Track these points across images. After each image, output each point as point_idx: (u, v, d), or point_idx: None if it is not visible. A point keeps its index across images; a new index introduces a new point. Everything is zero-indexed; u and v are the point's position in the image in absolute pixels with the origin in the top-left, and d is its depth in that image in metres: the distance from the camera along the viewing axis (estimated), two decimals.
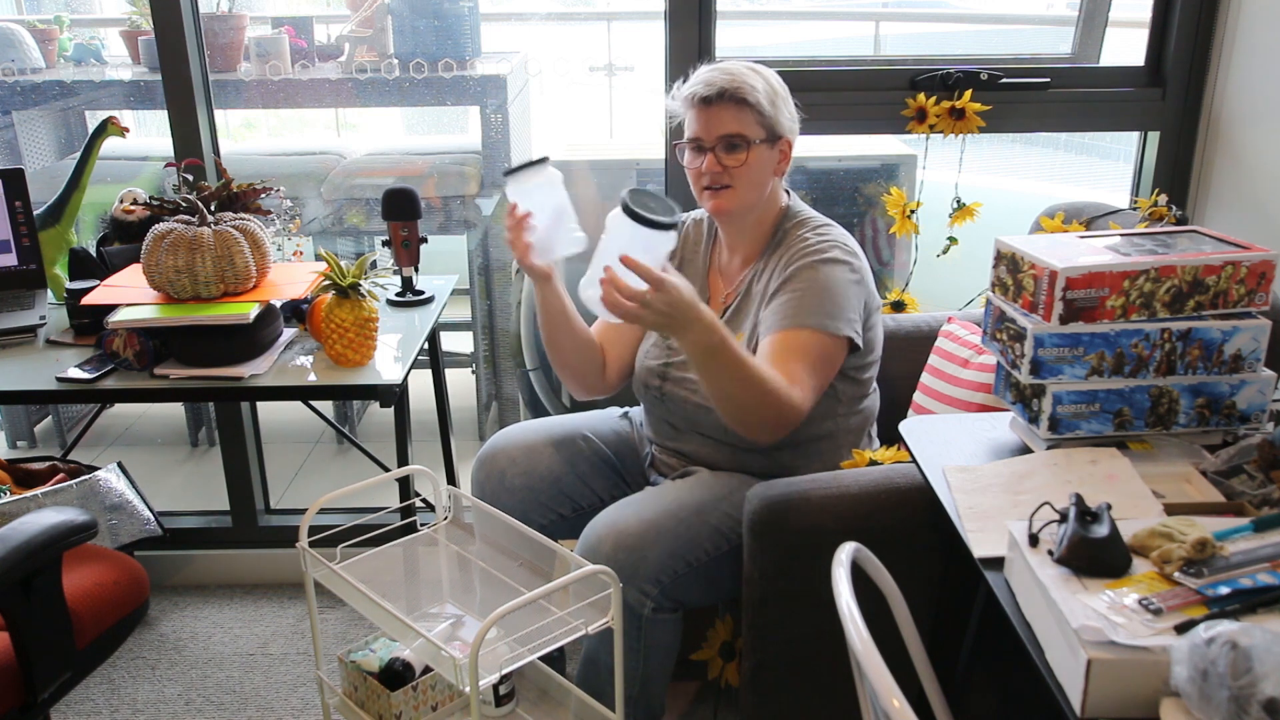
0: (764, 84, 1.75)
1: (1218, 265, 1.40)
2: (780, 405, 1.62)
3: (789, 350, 1.68)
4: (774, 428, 1.66)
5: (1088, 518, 1.15)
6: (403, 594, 1.80)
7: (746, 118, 1.72)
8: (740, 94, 1.71)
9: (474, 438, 3.28)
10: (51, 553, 1.52)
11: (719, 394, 1.63)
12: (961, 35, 4.28)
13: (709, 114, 1.72)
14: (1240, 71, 2.22)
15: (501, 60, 2.99)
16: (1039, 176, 4.00)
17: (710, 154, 1.73)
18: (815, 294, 1.71)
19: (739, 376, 1.59)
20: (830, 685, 1.65)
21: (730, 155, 1.73)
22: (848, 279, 1.74)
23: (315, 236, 3.05)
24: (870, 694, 1.07)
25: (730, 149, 1.73)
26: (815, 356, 1.69)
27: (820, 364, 1.70)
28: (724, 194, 1.76)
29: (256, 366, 1.91)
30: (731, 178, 1.74)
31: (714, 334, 1.55)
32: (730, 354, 1.57)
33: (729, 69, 1.75)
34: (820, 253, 1.74)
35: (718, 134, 1.73)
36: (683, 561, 1.69)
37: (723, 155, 1.73)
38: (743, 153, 1.73)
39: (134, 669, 2.31)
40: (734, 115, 1.72)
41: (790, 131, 1.78)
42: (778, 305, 1.73)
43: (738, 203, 1.77)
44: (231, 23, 2.86)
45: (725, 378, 1.59)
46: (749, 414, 1.64)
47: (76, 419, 3.28)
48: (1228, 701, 0.90)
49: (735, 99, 1.71)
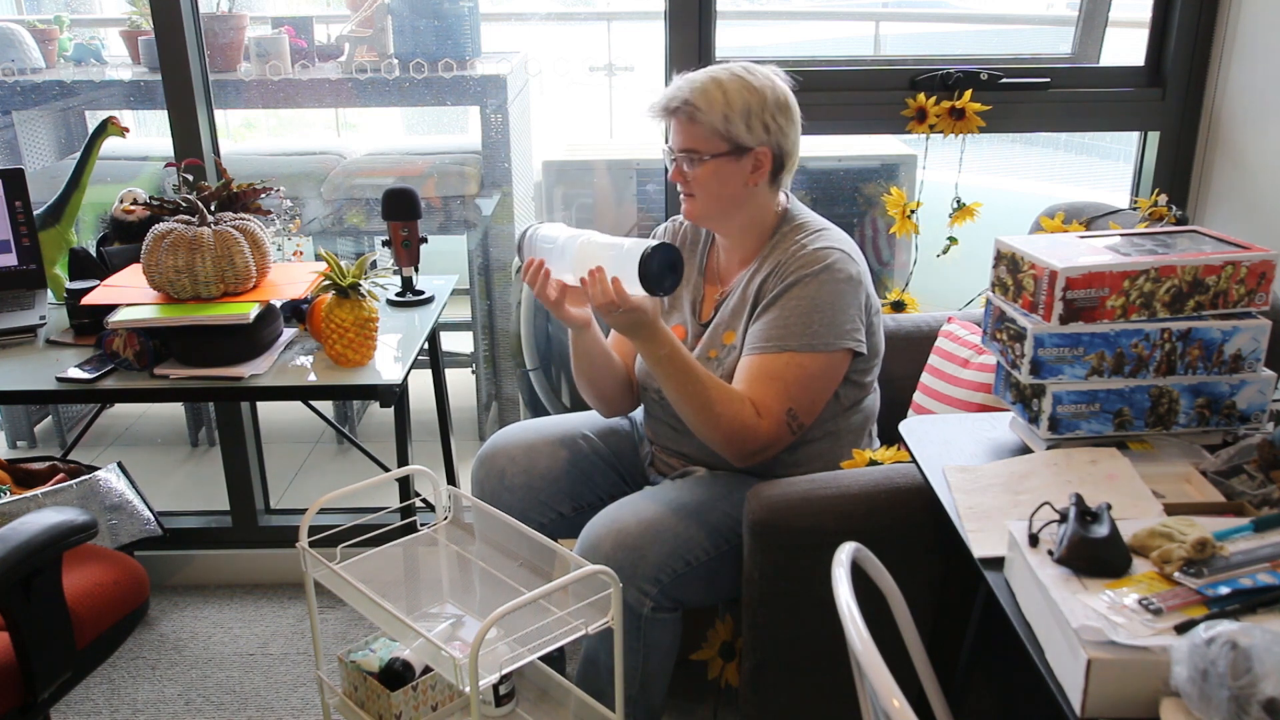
0: (725, 97, 1.70)
1: (1218, 265, 1.40)
2: (735, 431, 1.67)
3: (764, 376, 1.70)
4: (735, 453, 1.70)
5: (1088, 518, 1.15)
6: (403, 594, 1.80)
7: (699, 132, 1.73)
8: (689, 110, 1.72)
9: (474, 438, 3.28)
10: (51, 553, 1.52)
11: (675, 405, 1.71)
12: (961, 35, 4.28)
13: (672, 125, 1.77)
14: (1240, 71, 2.22)
15: (501, 60, 2.99)
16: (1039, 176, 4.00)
17: (676, 163, 1.77)
18: (803, 313, 1.70)
19: (688, 391, 1.67)
20: (830, 685, 1.65)
21: (691, 167, 1.76)
22: (843, 289, 1.72)
23: (315, 236, 3.05)
24: (870, 694, 1.07)
25: (689, 161, 1.75)
26: (795, 379, 1.69)
27: (806, 384, 1.70)
28: (689, 201, 1.80)
29: (256, 366, 1.91)
30: (692, 188, 1.78)
31: (665, 345, 1.65)
32: (680, 367, 1.66)
33: (692, 82, 1.73)
34: (814, 263, 1.72)
35: (678, 146, 1.76)
36: (682, 561, 1.69)
37: (684, 166, 1.76)
38: (698, 165, 1.74)
39: (134, 669, 2.31)
40: (687, 129, 1.74)
41: (766, 142, 1.73)
42: (764, 324, 1.73)
43: (700, 211, 1.80)
44: (231, 23, 2.86)
45: (675, 390, 1.68)
46: (704, 430, 1.70)
47: (76, 419, 3.28)
48: (1228, 701, 0.89)
49: (686, 115, 1.73)
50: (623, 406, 1.96)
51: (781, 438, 1.71)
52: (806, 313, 1.70)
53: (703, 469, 1.86)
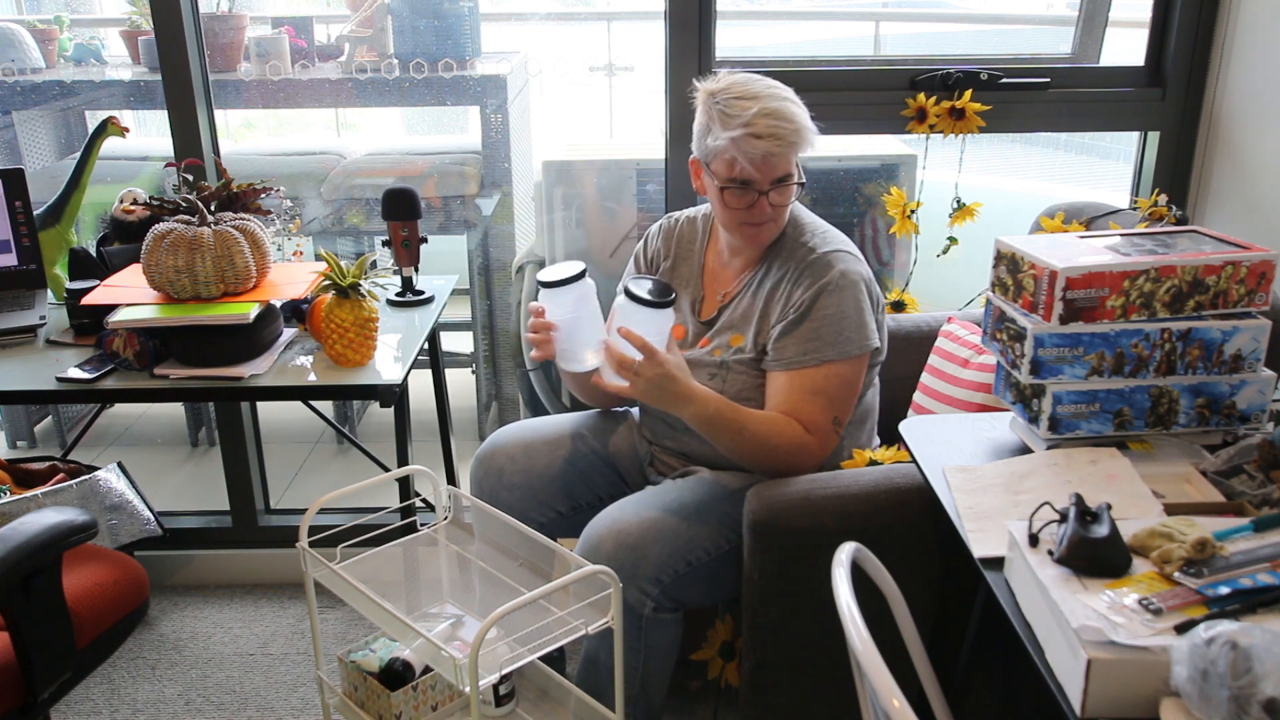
0: (807, 120, 1.74)
1: (1218, 265, 1.40)
2: (793, 455, 1.71)
3: (805, 392, 1.72)
4: (792, 471, 1.73)
5: (1088, 518, 1.15)
6: (403, 594, 1.80)
7: (792, 157, 1.74)
8: (799, 137, 1.71)
9: (474, 438, 3.27)
10: (51, 553, 1.52)
11: (729, 453, 1.75)
12: (961, 35, 4.28)
13: (768, 159, 1.70)
14: (1240, 71, 2.22)
15: (501, 60, 2.99)
16: (1039, 176, 4.00)
17: (763, 197, 1.73)
18: (834, 323, 1.73)
19: (742, 439, 1.71)
20: (830, 685, 1.65)
21: (779, 194, 1.74)
22: (860, 293, 1.76)
23: (315, 236, 3.05)
24: (870, 694, 1.07)
25: (779, 186, 1.74)
26: (836, 388, 1.73)
27: (845, 392, 1.75)
28: (766, 228, 1.78)
29: (256, 366, 1.91)
30: (776, 214, 1.77)
31: (708, 405, 1.68)
32: (727, 421, 1.69)
33: (790, 116, 1.70)
34: (830, 269, 1.75)
35: (776, 174, 1.73)
36: (683, 561, 1.69)
37: (772, 195, 1.74)
38: (790, 188, 1.75)
39: (134, 669, 2.31)
40: (785, 156, 1.72)
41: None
42: (796, 339, 1.74)
43: (776, 233, 1.81)
44: (231, 23, 2.86)
45: (729, 442, 1.71)
46: (762, 465, 1.75)
47: (76, 419, 3.28)
48: (1228, 701, 0.90)
49: (791, 143, 1.71)
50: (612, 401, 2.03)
51: (831, 444, 1.75)
52: (836, 322, 1.73)
53: (704, 469, 1.86)
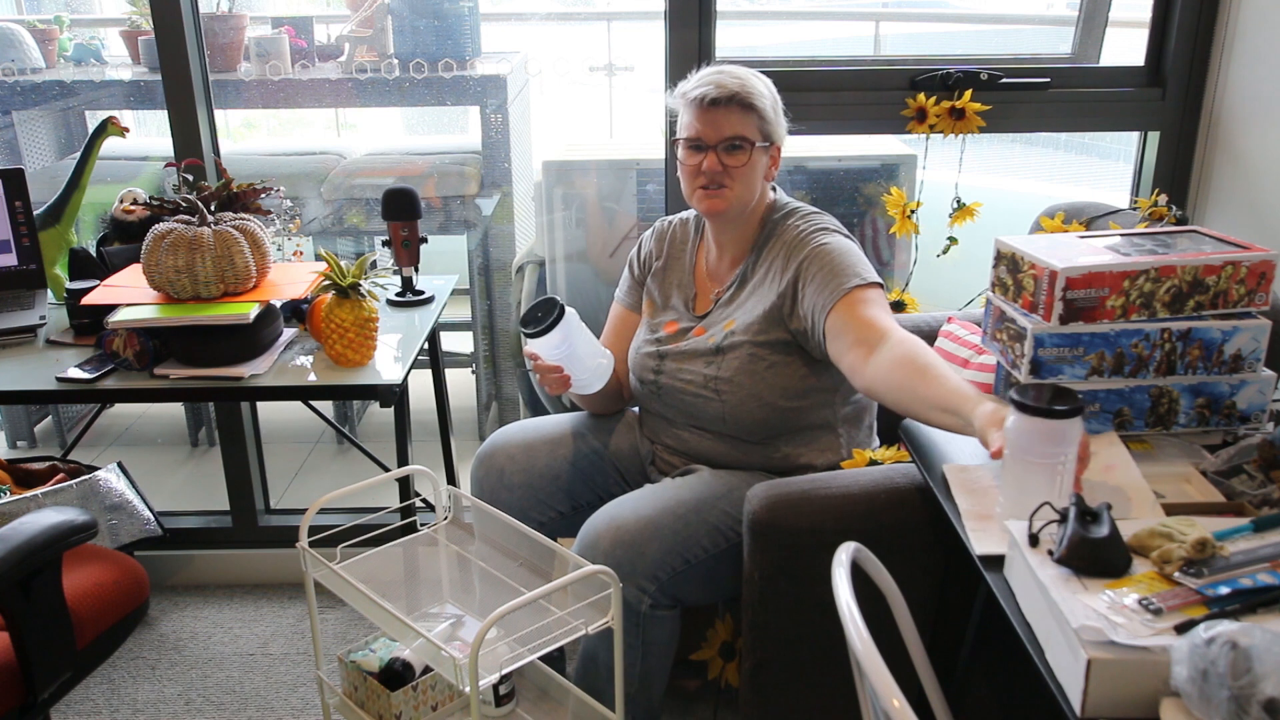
0: (768, 91, 1.81)
1: (1218, 265, 1.39)
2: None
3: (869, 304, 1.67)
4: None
5: (1088, 518, 1.15)
6: (403, 594, 1.80)
7: (750, 121, 1.77)
8: (749, 99, 1.76)
9: (474, 438, 3.27)
10: (51, 553, 1.52)
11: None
12: (961, 35, 4.28)
13: (715, 115, 1.76)
14: (1240, 71, 2.22)
15: (501, 60, 2.99)
16: (1039, 176, 3.99)
17: (712, 153, 1.76)
18: (842, 257, 1.74)
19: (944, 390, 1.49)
20: (830, 685, 1.65)
21: (731, 156, 1.77)
22: (851, 242, 1.80)
23: (315, 236, 3.05)
24: (870, 694, 1.07)
25: (732, 150, 1.77)
26: (879, 302, 1.71)
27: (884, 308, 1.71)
28: (720, 194, 1.78)
29: (256, 366, 1.91)
30: (731, 177, 1.77)
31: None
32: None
33: (738, 74, 1.79)
34: (822, 230, 1.81)
35: (722, 135, 1.76)
36: (681, 558, 1.69)
37: (724, 155, 1.77)
38: (744, 154, 1.77)
39: (134, 669, 2.31)
40: (740, 118, 1.76)
41: (782, 138, 1.85)
42: (821, 283, 1.72)
43: (733, 202, 1.80)
44: (231, 23, 2.86)
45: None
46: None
47: (76, 419, 3.28)
48: (1228, 701, 0.89)
49: (743, 103, 1.76)
50: (610, 407, 2.03)
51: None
52: (842, 257, 1.73)
53: (704, 467, 1.86)
